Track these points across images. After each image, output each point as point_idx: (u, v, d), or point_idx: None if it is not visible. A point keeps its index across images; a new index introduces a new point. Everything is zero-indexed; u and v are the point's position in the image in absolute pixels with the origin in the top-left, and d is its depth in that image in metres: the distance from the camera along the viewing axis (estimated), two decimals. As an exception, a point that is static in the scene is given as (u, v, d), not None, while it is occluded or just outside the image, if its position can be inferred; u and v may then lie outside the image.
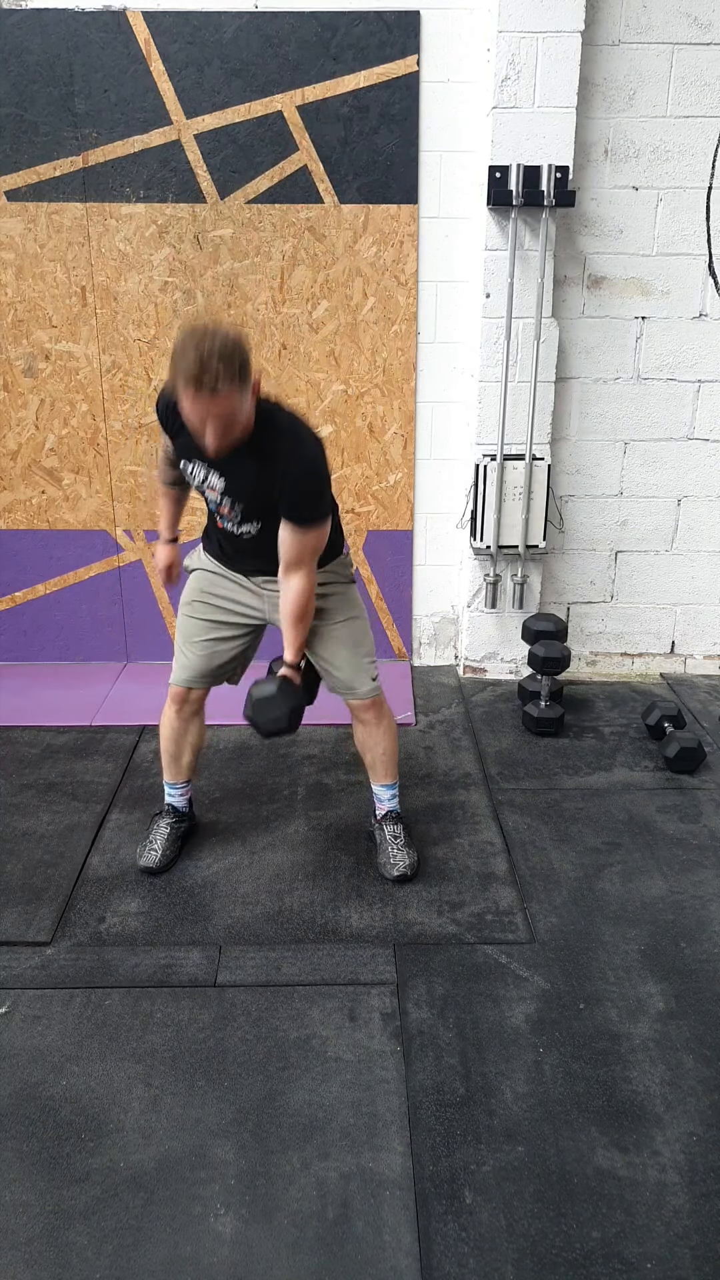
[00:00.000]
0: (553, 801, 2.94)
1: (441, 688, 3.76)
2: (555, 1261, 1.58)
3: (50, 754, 3.21)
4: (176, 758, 2.60)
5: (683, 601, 3.84)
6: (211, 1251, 1.60)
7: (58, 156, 3.31)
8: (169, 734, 2.57)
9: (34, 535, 3.75)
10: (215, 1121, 1.84)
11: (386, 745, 2.57)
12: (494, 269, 3.30)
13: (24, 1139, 1.80)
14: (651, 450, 3.64)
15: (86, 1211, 1.66)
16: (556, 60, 3.09)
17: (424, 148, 3.34)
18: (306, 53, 3.23)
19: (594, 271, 3.42)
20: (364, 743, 2.57)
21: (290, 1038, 2.03)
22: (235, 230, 3.40)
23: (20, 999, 2.13)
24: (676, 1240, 1.62)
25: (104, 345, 3.52)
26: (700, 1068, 1.96)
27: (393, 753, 2.60)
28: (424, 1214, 1.66)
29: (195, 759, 2.64)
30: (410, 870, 2.54)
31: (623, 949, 2.30)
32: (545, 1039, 2.03)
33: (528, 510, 3.54)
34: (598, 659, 3.93)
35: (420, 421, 3.64)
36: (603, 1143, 1.79)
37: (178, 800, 2.67)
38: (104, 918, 2.40)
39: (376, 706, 2.50)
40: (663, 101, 3.25)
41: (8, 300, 3.46)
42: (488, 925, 2.38)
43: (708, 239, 3.41)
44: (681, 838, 2.75)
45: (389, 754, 2.59)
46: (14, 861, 2.62)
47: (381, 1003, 2.12)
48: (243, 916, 2.40)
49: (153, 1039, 2.02)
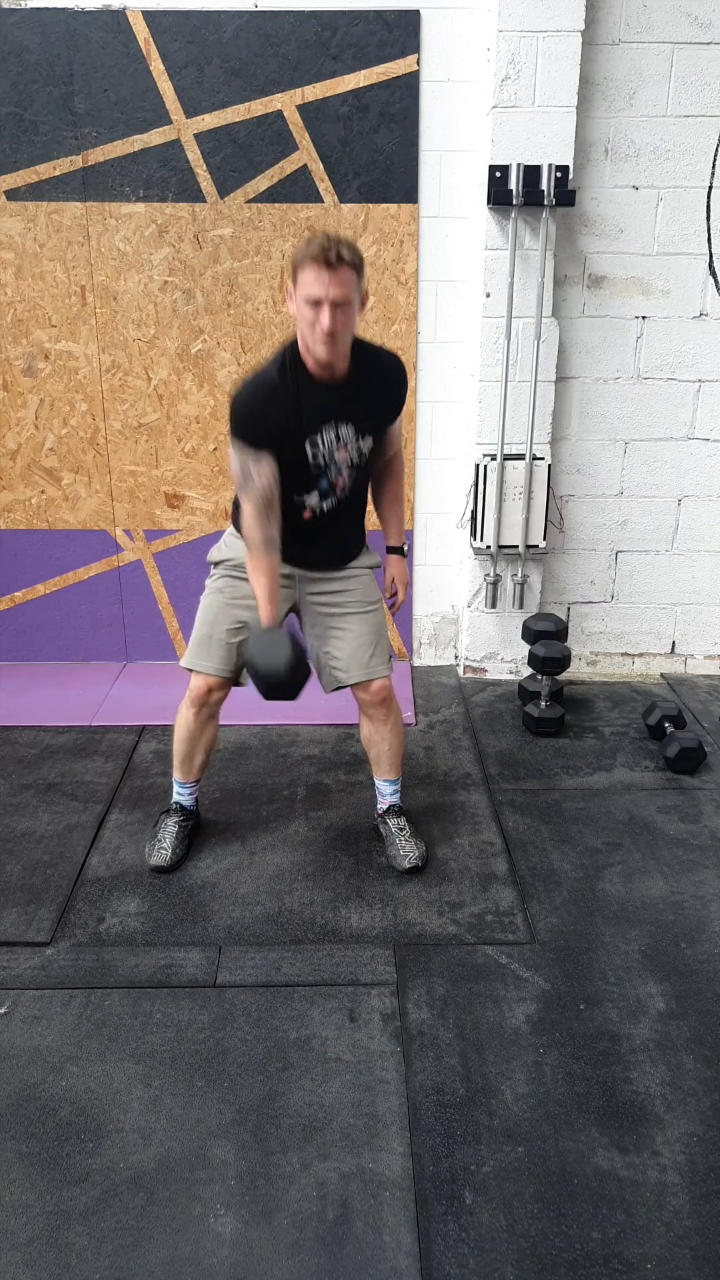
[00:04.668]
0: (553, 802, 2.94)
1: (441, 688, 3.76)
2: (555, 1262, 1.58)
3: (50, 754, 3.21)
4: (190, 757, 2.60)
5: (683, 601, 3.84)
6: (211, 1252, 1.60)
7: (57, 156, 3.31)
8: (184, 734, 2.56)
9: (34, 535, 3.75)
10: (215, 1122, 1.83)
11: (393, 741, 2.58)
12: (494, 269, 3.30)
13: (24, 1139, 1.80)
14: (652, 450, 3.64)
15: (86, 1212, 1.66)
16: (556, 60, 3.08)
17: (424, 147, 3.34)
18: (306, 52, 3.23)
19: (594, 271, 3.42)
20: (370, 738, 2.58)
21: (290, 1038, 2.03)
22: (235, 230, 3.39)
23: (20, 999, 2.13)
24: (677, 1241, 1.61)
25: (104, 345, 3.51)
26: (700, 1068, 1.96)
27: (398, 747, 2.60)
28: (424, 1214, 1.66)
29: (208, 760, 2.65)
30: (421, 861, 2.55)
31: (623, 949, 2.30)
32: (545, 1039, 2.03)
33: (528, 510, 3.54)
34: (598, 659, 3.92)
35: (420, 421, 3.64)
36: (603, 1143, 1.79)
37: (186, 799, 2.68)
38: (103, 918, 2.40)
39: (386, 702, 2.50)
40: (663, 101, 3.25)
41: (7, 300, 3.46)
42: (488, 925, 2.37)
43: (708, 238, 3.41)
44: (682, 838, 2.75)
45: (395, 750, 2.59)
46: (14, 861, 2.62)
47: (381, 1003, 2.12)
48: (243, 917, 2.40)
49: (153, 1039, 2.02)
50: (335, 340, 2.08)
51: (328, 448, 2.24)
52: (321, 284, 2.01)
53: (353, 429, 2.25)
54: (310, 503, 2.31)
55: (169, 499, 3.71)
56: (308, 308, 2.05)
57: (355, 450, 2.28)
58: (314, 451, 2.23)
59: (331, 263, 2.00)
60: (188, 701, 2.52)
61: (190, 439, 3.64)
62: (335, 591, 2.44)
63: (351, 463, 2.29)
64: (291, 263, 2.08)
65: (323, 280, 2.01)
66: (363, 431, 2.28)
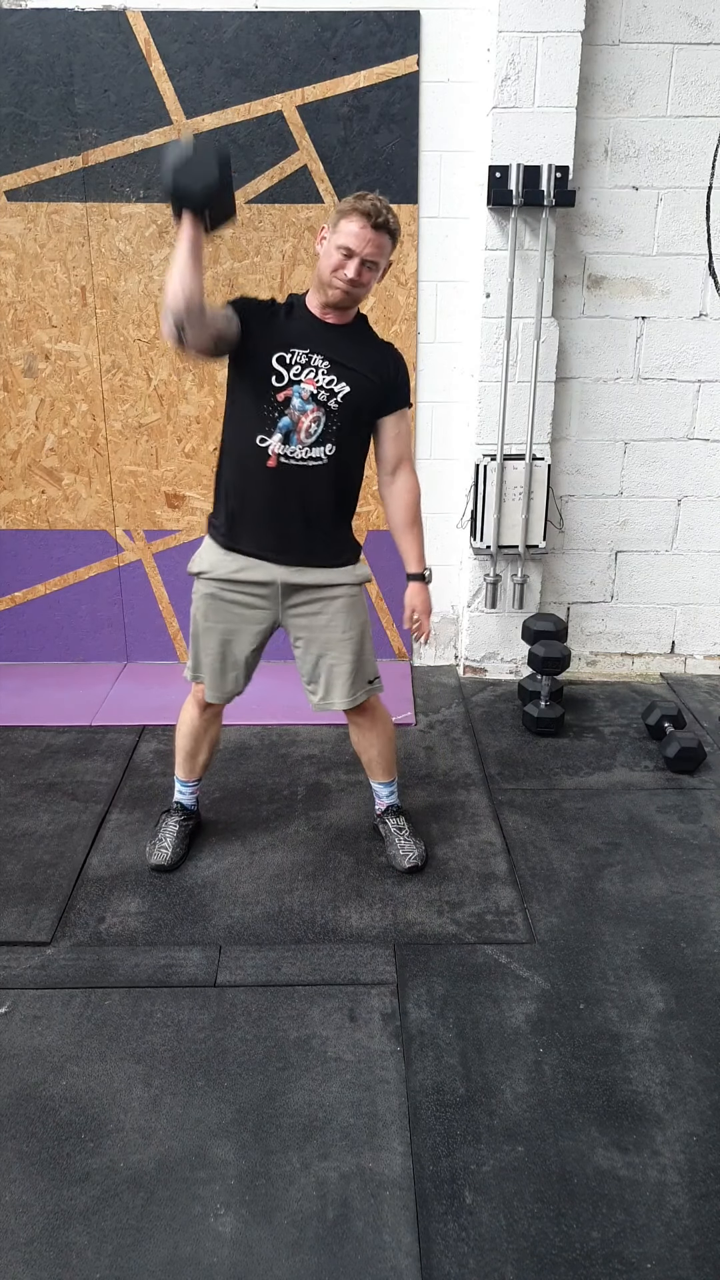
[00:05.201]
0: (553, 801, 2.94)
1: (441, 688, 3.76)
2: (555, 1261, 1.58)
3: (50, 754, 3.21)
4: (193, 755, 2.60)
5: (683, 601, 3.84)
6: (211, 1251, 1.60)
7: (58, 156, 3.31)
8: (188, 732, 2.56)
9: (34, 535, 3.75)
10: (215, 1121, 1.84)
11: (382, 746, 2.57)
12: (494, 269, 3.30)
13: (24, 1139, 1.80)
14: (651, 450, 3.64)
15: (86, 1211, 1.66)
16: (556, 60, 3.09)
17: (424, 147, 3.34)
18: (306, 53, 3.23)
19: (594, 271, 3.42)
20: (360, 743, 2.58)
21: (290, 1038, 2.03)
22: (235, 230, 3.39)
23: (20, 999, 2.13)
24: (676, 1240, 1.62)
25: (104, 345, 3.52)
26: (700, 1068, 1.96)
27: (389, 752, 2.60)
28: (424, 1214, 1.66)
29: (210, 759, 2.65)
30: (420, 860, 2.55)
31: (623, 949, 2.30)
32: (545, 1039, 2.03)
33: (528, 510, 3.54)
34: (598, 659, 3.92)
35: (420, 421, 3.64)
36: (603, 1143, 1.79)
37: (187, 798, 2.68)
38: (104, 918, 2.40)
39: (371, 709, 2.50)
40: (663, 101, 3.25)
41: (8, 300, 3.46)
42: (488, 925, 2.38)
43: (708, 239, 3.41)
44: (681, 838, 2.75)
45: (385, 754, 2.59)
46: (14, 861, 2.62)
47: (381, 1003, 2.12)
48: (243, 916, 2.40)
49: (153, 1039, 2.02)
50: (352, 290, 2.16)
51: (294, 367, 2.20)
52: (362, 239, 2.10)
53: (327, 364, 2.21)
54: (273, 447, 2.21)
55: (169, 499, 3.71)
56: (338, 253, 2.12)
57: (325, 389, 2.21)
58: (278, 366, 2.19)
59: (377, 224, 2.10)
60: (191, 701, 2.52)
61: (191, 439, 3.64)
62: (316, 614, 2.36)
63: (317, 398, 2.21)
64: (338, 209, 2.14)
65: (364, 237, 2.10)
66: (338, 374, 2.21)
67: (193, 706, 2.52)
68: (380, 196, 2.15)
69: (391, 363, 2.30)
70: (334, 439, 2.24)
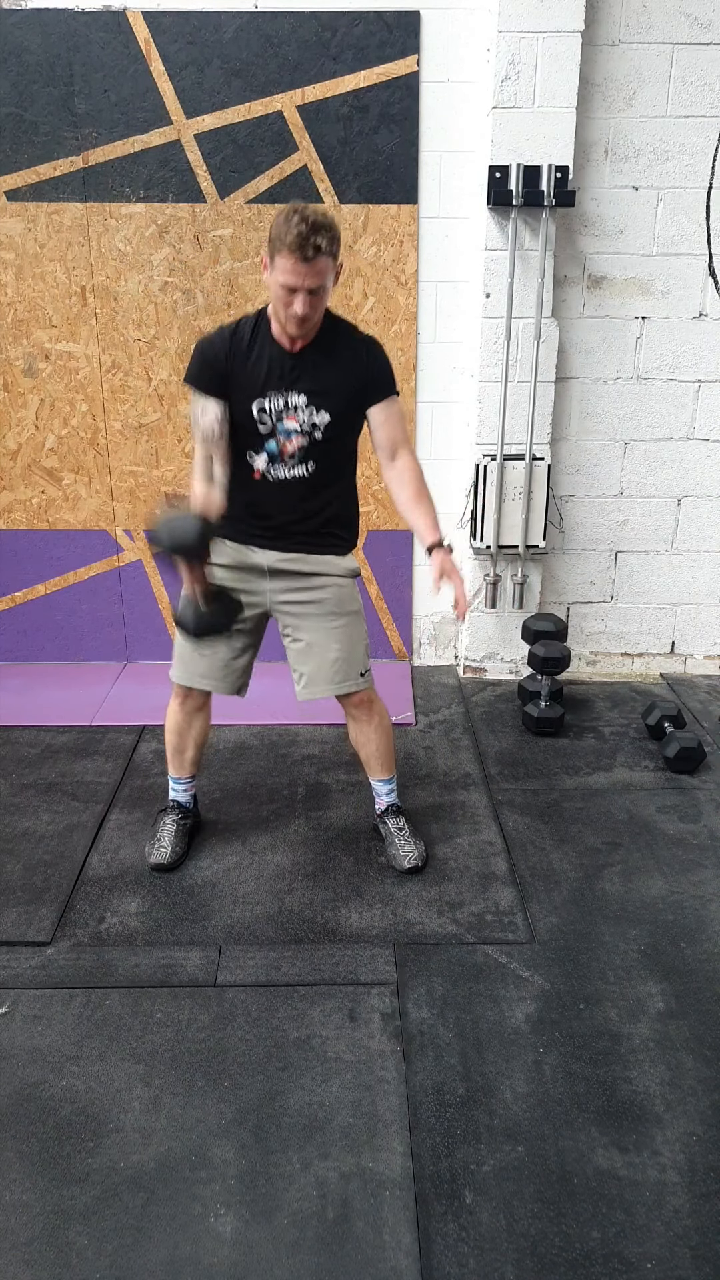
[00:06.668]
0: (553, 801, 2.94)
1: (441, 688, 3.76)
2: (555, 1261, 1.58)
3: (50, 754, 3.21)
4: (180, 751, 2.61)
5: (683, 601, 3.84)
6: (211, 1251, 1.60)
7: (58, 156, 3.31)
8: (173, 728, 2.57)
9: (34, 535, 3.75)
10: (215, 1121, 1.84)
11: (380, 741, 2.57)
12: (494, 269, 3.30)
13: (24, 1139, 1.80)
14: (651, 450, 3.64)
15: (86, 1211, 1.66)
16: (556, 60, 3.09)
17: (424, 148, 3.34)
18: (306, 53, 3.23)
19: (594, 271, 3.42)
20: (357, 739, 2.58)
21: (290, 1038, 2.03)
22: (235, 230, 3.39)
23: (20, 999, 2.13)
24: (676, 1240, 1.62)
25: (104, 345, 3.52)
26: (700, 1068, 1.96)
27: (387, 748, 2.60)
28: (424, 1214, 1.66)
29: (200, 754, 2.65)
30: (420, 861, 2.55)
31: (623, 949, 2.30)
32: (545, 1039, 2.03)
33: (528, 510, 3.54)
34: (598, 659, 3.93)
35: (420, 421, 3.64)
36: (603, 1143, 1.79)
37: (182, 796, 2.68)
38: (104, 918, 2.40)
39: (368, 702, 2.50)
40: (663, 101, 3.25)
41: (8, 300, 3.46)
42: (488, 925, 2.38)
43: (708, 239, 3.41)
44: (681, 838, 2.75)
45: (383, 749, 2.59)
46: (14, 861, 2.62)
47: (381, 1003, 2.12)
48: (243, 916, 2.40)
49: (153, 1039, 2.02)
50: (305, 322, 2.14)
51: (274, 413, 2.24)
52: (299, 275, 2.05)
53: (304, 399, 2.23)
54: (258, 465, 2.29)
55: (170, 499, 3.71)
56: (282, 290, 2.09)
57: (307, 421, 2.24)
58: (260, 415, 2.24)
59: (308, 257, 2.02)
60: (173, 696, 2.54)
61: (191, 439, 3.63)
62: (304, 602, 2.39)
63: (302, 430, 2.25)
64: (270, 239, 2.08)
65: (299, 272, 2.04)
66: (317, 405, 2.23)
67: (174, 701, 2.54)
68: (307, 210, 2.03)
69: (366, 357, 2.27)
70: (316, 459, 2.30)
